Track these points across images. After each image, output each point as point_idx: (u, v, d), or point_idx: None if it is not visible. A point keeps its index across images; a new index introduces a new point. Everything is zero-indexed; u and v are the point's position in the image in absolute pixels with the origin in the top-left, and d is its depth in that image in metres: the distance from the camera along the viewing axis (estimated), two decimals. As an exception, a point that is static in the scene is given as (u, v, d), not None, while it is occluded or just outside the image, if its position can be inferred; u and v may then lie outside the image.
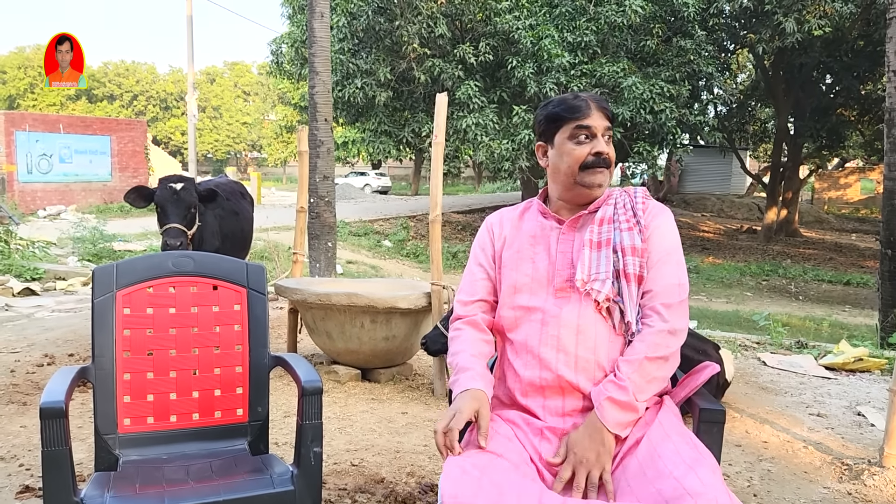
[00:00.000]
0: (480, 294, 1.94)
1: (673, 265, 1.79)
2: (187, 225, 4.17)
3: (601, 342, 1.74)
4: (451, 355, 1.88)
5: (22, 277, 8.44)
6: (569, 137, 1.83)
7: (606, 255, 1.79)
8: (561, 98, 1.87)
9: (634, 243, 1.78)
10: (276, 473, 1.95)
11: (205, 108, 48.07)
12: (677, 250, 1.83)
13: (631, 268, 1.76)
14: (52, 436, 1.72)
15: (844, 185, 33.79)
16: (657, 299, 1.75)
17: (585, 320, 1.76)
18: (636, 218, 1.83)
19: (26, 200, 19.53)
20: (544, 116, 1.89)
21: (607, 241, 1.80)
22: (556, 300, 1.79)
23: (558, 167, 1.86)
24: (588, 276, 1.77)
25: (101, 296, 2.14)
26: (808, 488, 3.11)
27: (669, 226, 1.84)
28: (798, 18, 15.50)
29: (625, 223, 1.82)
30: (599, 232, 1.82)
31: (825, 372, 5.15)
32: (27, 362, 4.73)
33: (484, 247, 1.98)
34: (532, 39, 15.23)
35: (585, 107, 1.82)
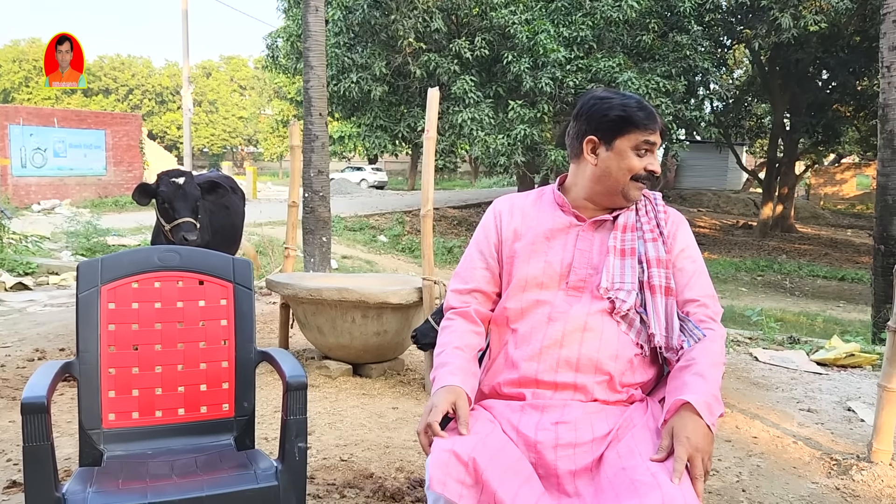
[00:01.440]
0: (477, 283, 1.89)
1: (706, 276, 1.83)
2: (195, 218, 4.17)
3: (606, 344, 1.71)
4: (437, 347, 1.84)
5: (14, 272, 8.42)
6: (633, 147, 1.77)
7: (631, 265, 1.77)
8: (631, 102, 1.78)
9: (659, 255, 1.78)
10: (261, 469, 1.95)
11: (201, 102, 47.95)
12: (699, 255, 1.87)
13: (657, 280, 1.75)
14: (33, 431, 1.71)
15: (840, 180, 33.85)
16: (709, 309, 1.77)
17: (594, 320, 1.73)
18: (659, 228, 1.82)
19: (20, 194, 19.46)
20: (616, 116, 1.77)
21: (632, 251, 1.79)
22: (566, 297, 1.77)
23: (609, 172, 1.79)
24: (612, 283, 1.75)
25: (85, 290, 2.13)
26: (797, 483, 3.11)
27: (691, 236, 1.87)
28: (794, 14, 15.50)
29: (649, 233, 1.81)
30: (623, 239, 1.80)
31: (817, 367, 5.16)
32: (18, 357, 4.71)
33: (488, 234, 1.92)
34: (528, 34, 15.21)
35: (655, 122, 1.78)
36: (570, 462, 1.60)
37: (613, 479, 1.52)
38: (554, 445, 1.61)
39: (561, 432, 1.63)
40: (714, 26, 19.05)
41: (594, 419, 1.66)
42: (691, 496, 1.43)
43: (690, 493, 1.44)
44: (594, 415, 1.67)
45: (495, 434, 1.63)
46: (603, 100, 1.80)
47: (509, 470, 1.55)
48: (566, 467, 1.60)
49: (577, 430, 1.63)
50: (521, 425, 1.66)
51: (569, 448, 1.61)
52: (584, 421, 1.65)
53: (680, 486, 1.43)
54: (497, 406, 1.74)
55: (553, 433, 1.63)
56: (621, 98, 1.80)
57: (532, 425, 1.65)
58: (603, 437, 1.63)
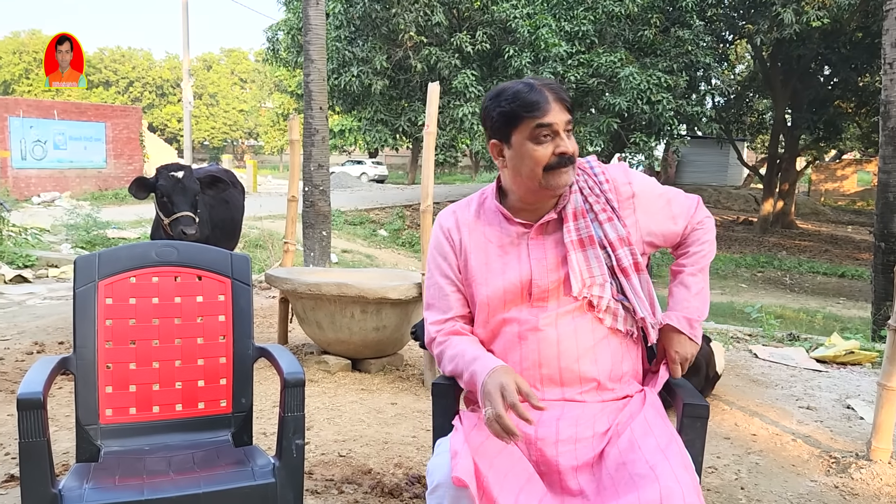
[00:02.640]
0: (456, 310, 1.80)
1: (677, 196, 1.84)
2: (194, 212, 4.16)
3: (584, 350, 1.67)
4: (448, 362, 1.73)
5: (14, 264, 8.41)
6: (529, 138, 1.63)
7: (595, 254, 1.69)
8: (515, 91, 1.64)
9: (619, 233, 1.71)
10: (258, 465, 1.94)
11: (201, 95, 47.86)
12: (661, 188, 1.83)
13: (626, 260, 1.70)
14: (29, 427, 1.71)
15: (841, 176, 33.81)
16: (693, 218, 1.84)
17: (565, 327, 1.67)
18: (610, 204, 1.73)
19: (20, 187, 19.43)
20: (498, 114, 1.65)
21: (590, 239, 1.70)
22: (531, 310, 1.70)
23: (519, 170, 1.68)
24: (583, 282, 1.67)
25: (82, 285, 2.12)
26: (796, 481, 3.11)
27: (639, 176, 1.80)
28: (797, 9, 15.46)
29: (602, 213, 1.72)
30: (577, 228, 1.71)
31: (816, 365, 5.15)
32: (17, 350, 4.71)
33: (445, 255, 1.81)
34: (529, 28, 15.16)
35: (545, 101, 1.61)
36: (571, 457, 1.59)
37: (615, 475, 1.52)
38: (555, 441, 1.61)
39: (562, 427, 1.62)
40: (716, 21, 19.00)
41: (595, 415, 1.66)
42: (689, 489, 1.43)
43: (688, 485, 1.44)
44: (594, 411, 1.66)
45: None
46: (492, 100, 1.69)
47: (510, 473, 1.54)
48: (567, 462, 1.59)
49: (577, 425, 1.63)
50: (521, 423, 1.62)
51: (570, 443, 1.60)
52: (584, 417, 1.65)
53: (678, 479, 1.43)
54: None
55: (553, 429, 1.62)
56: (509, 90, 1.65)
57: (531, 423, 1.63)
58: (603, 434, 1.63)
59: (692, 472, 1.50)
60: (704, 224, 1.86)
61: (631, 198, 1.76)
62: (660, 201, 1.80)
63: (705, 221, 1.87)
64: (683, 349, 1.79)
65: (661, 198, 1.81)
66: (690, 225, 1.85)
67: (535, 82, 1.65)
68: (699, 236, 1.85)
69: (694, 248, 1.84)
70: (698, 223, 1.85)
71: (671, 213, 1.81)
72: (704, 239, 1.85)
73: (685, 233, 1.84)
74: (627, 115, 15.86)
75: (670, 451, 1.53)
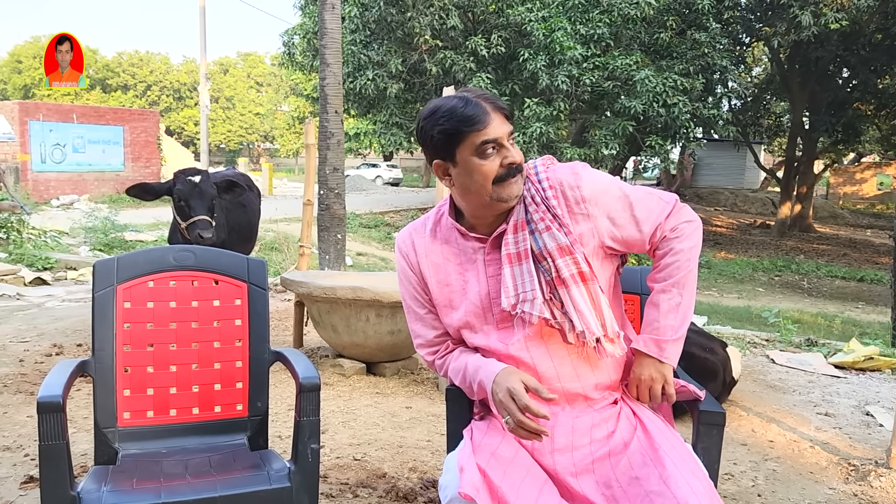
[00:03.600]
0: (440, 329, 1.78)
1: (642, 199, 1.66)
2: (210, 216, 4.19)
3: (561, 367, 1.64)
4: (454, 375, 1.73)
5: (34, 267, 8.51)
6: (474, 153, 1.57)
7: (528, 269, 1.60)
8: (450, 108, 1.57)
9: (558, 242, 1.60)
10: (274, 469, 1.95)
11: (218, 98, 48.20)
12: (620, 189, 1.66)
13: (566, 271, 1.59)
14: (49, 430, 1.73)
15: (860, 180, 33.46)
16: (663, 226, 1.65)
17: (536, 349, 1.63)
18: (551, 212, 1.62)
19: (40, 190, 19.68)
20: (439, 133, 1.58)
21: (526, 252, 1.62)
22: (500, 334, 1.66)
23: (467, 187, 1.61)
24: (515, 297, 1.60)
25: (101, 289, 2.14)
26: (814, 489, 3.08)
27: (594, 176, 1.66)
28: (814, 11, 15.34)
29: (540, 223, 1.62)
30: (515, 241, 1.63)
31: (834, 370, 5.10)
32: (36, 352, 4.76)
33: (411, 280, 1.78)
34: (544, 32, 15.15)
35: (483, 114, 1.55)
36: (568, 464, 1.60)
37: (627, 489, 1.52)
38: (551, 451, 1.61)
39: (557, 436, 1.62)
40: (733, 24, 18.90)
41: (592, 422, 1.64)
42: (705, 498, 1.43)
43: (703, 494, 1.44)
44: (590, 419, 1.65)
45: (506, 443, 1.62)
46: (427, 119, 1.62)
47: (525, 480, 1.54)
48: (565, 470, 1.59)
49: (573, 433, 1.63)
50: None
51: (566, 451, 1.61)
52: (580, 425, 1.64)
53: (693, 490, 1.43)
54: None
55: (548, 438, 1.60)
56: (444, 107, 1.59)
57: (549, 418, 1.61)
58: (604, 438, 1.61)
59: (707, 480, 1.50)
60: (680, 231, 1.66)
61: (582, 202, 1.64)
62: (618, 203, 1.65)
63: (682, 228, 1.66)
64: (647, 371, 1.66)
65: (621, 200, 1.65)
66: (661, 231, 1.66)
67: (470, 95, 1.59)
68: (672, 245, 1.66)
69: (666, 259, 1.66)
70: (672, 230, 1.66)
71: (633, 216, 1.65)
72: (678, 248, 1.65)
73: (654, 240, 1.67)
74: (643, 118, 15.79)
75: (682, 461, 1.52)
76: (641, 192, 1.69)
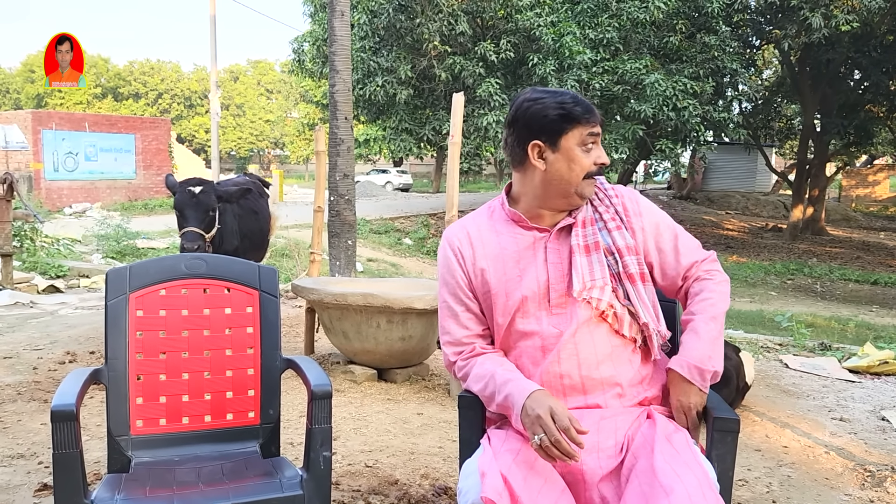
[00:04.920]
0: (472, 330, 1.78)
1: (684, 234, 1.80)
2: (205, 228, 4.19)
3: (604, 357, 1.67)
4: (475, 382, 1.71)
5: (47, 275, 8.58)
6: (580, 144, 1.67)
7: (599, 259, 1.70)
8: (573, 95, 1.68)
9: (626, 241, 1.72)
10: (286, 477, 1.95)
11: (228, 105, 48.48)
12: (669, 219, 1.81)
13: (633, 267, 1.70)
14: (63, 438, 1.73)
15: (873, 182, 33.24)
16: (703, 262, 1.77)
17: (584, 336, 1.67)
18: (619, 216, 1.75)
19: (52, 198, 19.83)
20: (557, 115, 1.64)
21: (595, 245, 1.71)
22: (551, 319, 1.70)
23: (561, 174, 1.68)
24: (584, 283, 1.67)
25: (114, 298, 2.15)
26: (829, 495, 3.05)
27: (650, 205, 1.80)
28: (825, 13, 15.25)
29: (611, 221, 1.74)
30: (584, 234, 1.72)
31: (849, 375, 5.05)
32: (49, 360, 4.79)
33: (455, 274, 1.77)
34: (553, 36, 15.15)
35: (594, 111, 1.69)
36: (595, 465, 1.59)
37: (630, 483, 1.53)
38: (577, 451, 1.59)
39: (583, 437, 1.60)
40: (743, 27, 18.84)
41: (616, 423, 1.65)
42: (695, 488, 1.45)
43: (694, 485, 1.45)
44: (615, 419, 1.66)
45: (525, 450, 1.60)
46: (537, 101, 1.68)
47: (543, 489, 1.54)
48: (592, 471, 1.58)
49: (599, 433, 1.62)
50: None
51: (593, 451, 1.60)
52: (605, 425, 1.64)
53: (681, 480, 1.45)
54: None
55: None
56: (554, 96, 1.68)
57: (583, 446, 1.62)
58: (623, 444, 1.62)
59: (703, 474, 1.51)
60: (715, 276, 1.76)
61: (639, 215, 1.77)
62: (667, 231, 1.78)
63: (716, 275, 1.77)
64: (687, 398, 1.68)
65: (669, 228, 1.79)
66: (697, 269, 1.77)
67: (578, 95, 1.71)
68: (709, 285, 1.74)
69: (705, 294, 1.73)
70: (707, 272, 1.77)
71: (676, 246, 1.77)
72: (715, 288, 1.74)
73: (689, 274, 1.76)
74: (653, 122, 15.76)
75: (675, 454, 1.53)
76: (685, 232, 1.82)
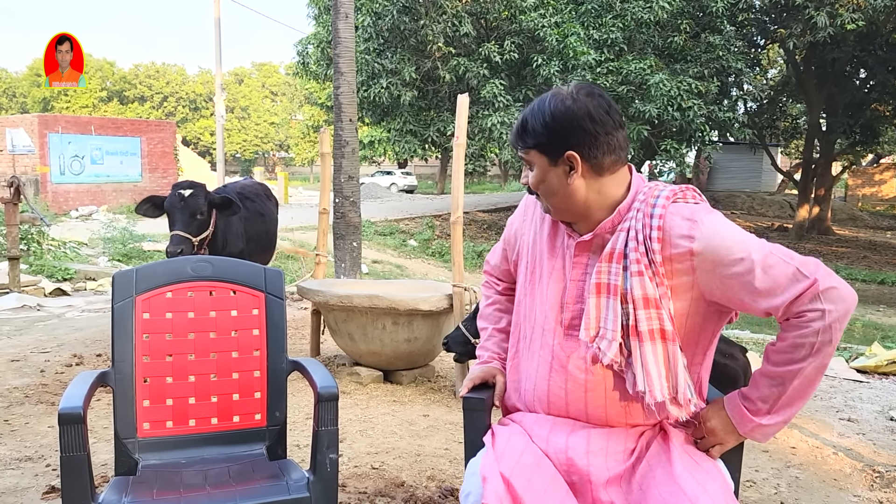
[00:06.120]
0: (502, 265, 1.92)
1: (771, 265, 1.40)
2: (193, 231, 4.16)
3: (612, 402, 1.58)
4: (481, 316, 1.96)
5: (53, 278, 8.60)
6: None
7: (613, 306, 1.50)
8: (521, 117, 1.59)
9: (647, 292, 1.47)
10: (293, 479, 1.95)
11: (233, 108, 48.59)
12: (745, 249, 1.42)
13: (644, 324, 1.47)
14: (70, 441, 1.74)
15: (879, 181, 33.10)
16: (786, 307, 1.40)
17: (595, 378, 1.57)
18: (648, 257, 1.48)
19: (59, 201, 19.89)
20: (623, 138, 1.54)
21: (614, 288, 1.51)
22: (564, 341, 1.61)
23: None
24: (595, 329, 1.53)
25: (120, 301, 2.15)
26: (838, 496, 3.04)
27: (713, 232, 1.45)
28: (830, 12, 15.21)
29: (634, 263, 1.48)
30: (608, 272, 1.52)
31: (857, 375, 5.03)
32: (56, 362, 4.80)
33: (512, 223, 1.84)
34: (557, 37, 15.14)
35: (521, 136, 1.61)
36: (602, 468, 1.56)
37: (646, 492, 1.51)
38: (586, 451, 1.58)
39: (593, 437, 1.59)
40: (747, 26, 18.79)
41: (627, 434, 1.61)
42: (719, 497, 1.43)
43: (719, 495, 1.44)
44: (627, 431, 1.62)
45: (529, 450, 1.60)
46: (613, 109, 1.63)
47: (547, 491, 1.53)
48: (599, 473, 1.56)
49: (608, 438, 1.60)
50: (552, 433, 1.62)
51: (601, 454, 1.58)
52: (615, 431, 1.61)
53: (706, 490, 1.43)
54: (526, 419, 1.70)
55: (585, 439, 1.59)
56: None
57: (563, 433, 1.61)
58: (632, 451, 1.59)
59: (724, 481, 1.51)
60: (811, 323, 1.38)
61: (689, 257, 1.46)
62: (735, 267, 1.42)
63: (814, 320, 1.37)
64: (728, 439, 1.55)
65: (741, 263, 1.42)
66: (785, 313, 1.41)
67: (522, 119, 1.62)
68: (794, 338, 1.41)
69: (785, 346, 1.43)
70: (798, 315, 1.40)
71: (752, 286, 1.42)
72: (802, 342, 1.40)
73: (781, 317, 1.44)
74: (658, 122, 15.73)
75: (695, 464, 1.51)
76: (776, 256, 1.42)
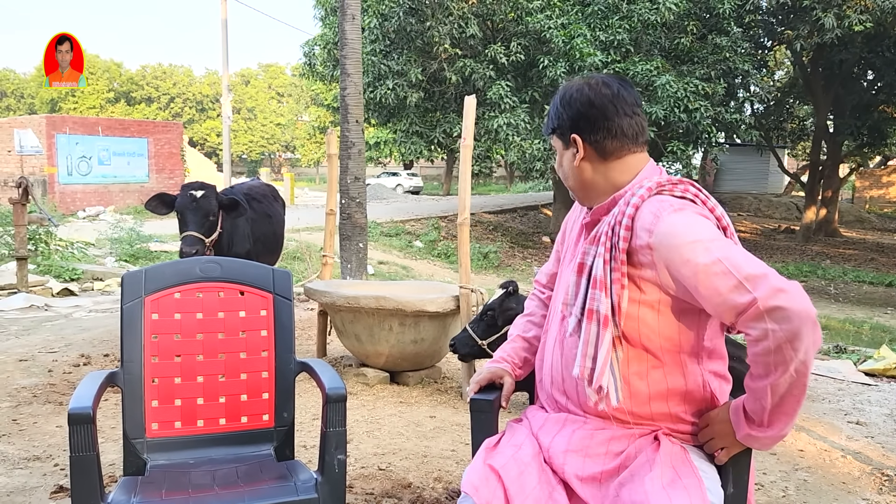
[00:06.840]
0: (553, 268, 1.90)
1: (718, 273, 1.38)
2: (205, 232, 4.18)
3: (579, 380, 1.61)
4: (515, 324, 1.98)
5: (61, 278, 8.62)
6: None
7: (583, 283, 1.59)
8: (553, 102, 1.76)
9: (598, 274, 1.53)
10: (301, 480, 1.95)
11: (239, 109, 48.70)
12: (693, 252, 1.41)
13: (594, 303, 1.52)
14: (79, 441, 1.74)
15: (887, 183, 32.95)
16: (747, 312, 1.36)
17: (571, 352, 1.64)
18: (611, 241, 1.53)
19: (66, 202, 19.98)
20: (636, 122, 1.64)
21: (588, 268, 1.59)
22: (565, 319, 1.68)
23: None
24: (565, 302, 1.64)
25: (129, 301, 2.16)
26: (847, 500, 3.02)
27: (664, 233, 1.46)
28: (838, 13, 15.14)
29: (601, 247, 1.55)
30: (585, 252, 1.61)
31: (865, 378, 5.01)
32: (64, 362, 4.82)
33: (567, 220, 1.85)
34: (564, 38, 15.11)
35: (548, 123, 1.81)
36: (577, 467, 1.57)
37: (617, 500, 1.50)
38: (564, 450, 1.60)
39: (575, 438, 1.61)
40: (754, 27, 18.72)
41: (614, 435, 1.59)
42: None
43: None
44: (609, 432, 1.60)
45: (526, 447, 1.64)
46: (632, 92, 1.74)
47: (535, 487, 1.55)
48: (572, 471, 1.57)
49: (592, 439, 1.60)
50: (542, 431, 1.66)
51: (579, 455, 1.58)
52: (600, 434, 1.60)
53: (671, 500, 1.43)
54: (537, 417, 1.74)
55: (566, 439, 1.61)
56: None
57: (552, 430, 1.65)
58: (616, 454, 1.57)
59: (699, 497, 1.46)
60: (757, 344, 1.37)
61: (647, 248, 1.49)
62: (682, 269, 1.43)
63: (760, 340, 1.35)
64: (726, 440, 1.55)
65: (687, 266, 1.42)
66: (734, 324, 1.43)
67: None
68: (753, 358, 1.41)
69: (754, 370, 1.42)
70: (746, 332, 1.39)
71: (696, 290, 1.43)
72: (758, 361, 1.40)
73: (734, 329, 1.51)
74: (664, 124, 15.68)
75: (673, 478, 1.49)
76: (723, 265, 1.38)
